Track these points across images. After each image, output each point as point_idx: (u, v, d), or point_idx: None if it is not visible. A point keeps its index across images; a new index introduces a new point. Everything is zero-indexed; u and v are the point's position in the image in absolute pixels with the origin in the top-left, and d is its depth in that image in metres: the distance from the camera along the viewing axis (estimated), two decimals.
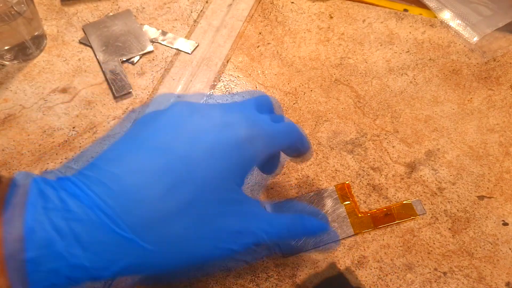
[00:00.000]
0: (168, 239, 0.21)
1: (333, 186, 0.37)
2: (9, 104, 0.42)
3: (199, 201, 0.21)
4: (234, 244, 0.23)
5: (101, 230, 0.20)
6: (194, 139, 0.22)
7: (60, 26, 0.48)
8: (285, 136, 0.27)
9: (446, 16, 0.49)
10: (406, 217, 0.35)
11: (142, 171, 0.21)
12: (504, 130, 0.41)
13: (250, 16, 0.50)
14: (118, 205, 0.20)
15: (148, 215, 0.20)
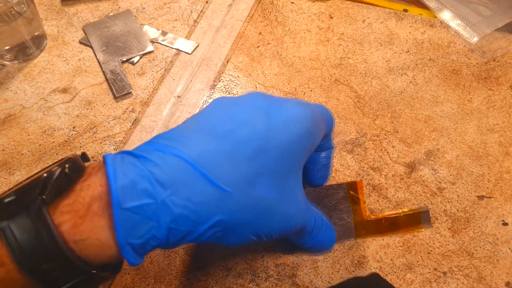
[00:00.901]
0: (255, 199, 0.22)
1: (345, 183, 0.35)
2: (9, 104, 0.42)
3: (279, 165, 0.23)
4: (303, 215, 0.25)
5: (199, 182, 0.20)
6: (271, 114, 0.23)
7: (60, 26, 0.48)
8: (329, 122, 0.30)
9: (446, 16, 0.49)
10: (411, 229, 0.35)
11: (224, 138, 0.22)
12: (504, 130, 0.41)
13: (250, 16, 0.50)
14: (209, 163, 0.21)
15: (238, 175, 0.21)
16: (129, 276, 0.33)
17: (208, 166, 0.21)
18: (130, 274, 0.33)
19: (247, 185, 0.21)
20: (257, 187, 0.22)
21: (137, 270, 0.34)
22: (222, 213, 0.21)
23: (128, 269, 0.34)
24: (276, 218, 0.23)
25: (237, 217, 0.21)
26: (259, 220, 0.22)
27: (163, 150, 0.21)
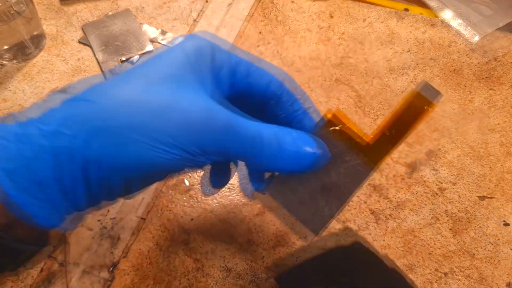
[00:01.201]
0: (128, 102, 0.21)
1: (321, 125, 0.26)
2: (8, 104, 0.42)
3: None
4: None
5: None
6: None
7: (59, 25, 0.48)
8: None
9: (447, 16, 0.49)
10: (423, 114, 0.25)
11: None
12: (505, 130, 0.41)
13: (250, 15, 0.50)
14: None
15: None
16: (129, 277, 0.33)
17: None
18: (130, 275, 0.33)
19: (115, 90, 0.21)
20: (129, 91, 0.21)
21: (136, 271, 0.33)
22: (96, 120, 0.20)
23: (128, 270, 0.33)
24: (171, 117, 0.21)
25: (115, 120, 0.21)
26: (145, 121, 0.21)
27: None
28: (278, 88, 0.26)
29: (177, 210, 0.36)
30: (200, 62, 0.24)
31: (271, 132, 0.23)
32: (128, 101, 0.21)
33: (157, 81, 0.22)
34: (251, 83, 0.25)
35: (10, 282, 0.32)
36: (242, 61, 0.25)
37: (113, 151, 0.21)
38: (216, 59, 0.24)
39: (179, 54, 0.23)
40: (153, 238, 0.35)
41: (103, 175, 0.21)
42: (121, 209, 0.36)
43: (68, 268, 0.33)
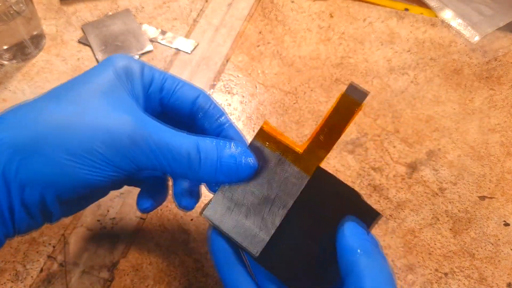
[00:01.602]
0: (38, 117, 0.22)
1: (253, 140, 0.25)
2: (8, 104, 0.42)
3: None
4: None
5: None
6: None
7: (59, 25, 0.48)
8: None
9: (447, 16, 0.49)
10: (350, 115, 0.24)
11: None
12: (506, 130, 0.41)
13: (250, 15, 0.50)
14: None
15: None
16: (128, 277, 0.33)
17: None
18: (130, 275, 0.33)
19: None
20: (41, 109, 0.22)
21: (136, 271, 0.33)
22: (28, 145, 0.20)
23: (127, 270, 0.33)
24: (80, 129, 0.21)
25: (46, 143, 0.20)
26: (75, 143, 0.21)
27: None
28: (206, 101, 0.27)
29: (177, 210, 0.36)
30: (131, 80, 0.24)
31: (208, 144, 0.23)
32: (58, 125, 0.21)
33: (89, 102, 0.22)
34: (179, 97, 0.26)
35: (9, 282, 0.32)
36: (169, 77, 0.26)
37: (46, 174, 0.21)
38: (145, 76, 0.25)
39: (109, 73, 0.23)
40: (153, 238, 0.35)
41: (40, 199, 0.21)
42: (121, 209, 0.36)
43: (68, 268, 0.33)
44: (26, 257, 0.33)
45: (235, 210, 0.25)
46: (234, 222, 0.25)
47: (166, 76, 0.26)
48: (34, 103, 0.22)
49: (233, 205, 0.25)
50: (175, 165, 0.23)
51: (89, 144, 0.21)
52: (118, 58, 0.24)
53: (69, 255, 0.34)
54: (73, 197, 0.22)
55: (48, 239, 0.34)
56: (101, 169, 0.21)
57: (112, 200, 0.36)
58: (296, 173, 0.25)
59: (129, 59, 0.25)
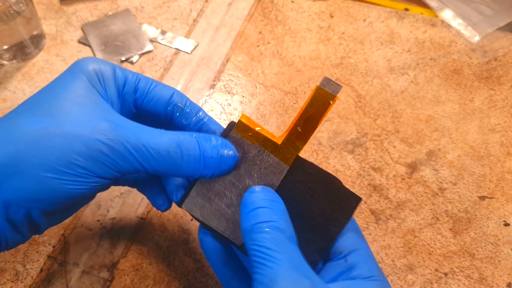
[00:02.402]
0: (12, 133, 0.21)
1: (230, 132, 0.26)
2: (8, 104, 0.42)
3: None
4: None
5: None
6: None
7: (59, 25, 0.48)
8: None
9: (447, 16, 0.49)
10: (326, 106, 0.25)
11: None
12: (506, 130, 0.41)
13: (250, 15, 0.50)
14: None
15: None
16: (128, 277, 0.33)
17: None
18: (130, 275, 0.33)
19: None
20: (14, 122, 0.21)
21: (136, 271, 0.33)
22: (5, 164, 0.20)
23: (127, 270, 0.33)
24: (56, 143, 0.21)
25: (25, 161, 0.20)
26: (55, 158, 0.20)
27: None
28: (181, 99, 0.26)
29: (177, 210, 0.36)
30: (104, 83, 0.24)
31: (189, 139, 0.23)
32: (33, 141, 0.20)
33: (63, 112, 0.21)
34: (154, 97, 0.26)
35: (9, 282, 0.32)
36: (142, 78, 0.26)
37: (29, 191, 0.20)
38: (118, 78, 0.25)
39: (81, 78, 0.23)
40: (152, 238, 0.35)
41: (25, 215, 0.21)
42: (121, 209, 0.36)
43: (68, 268, 0.33)
44: (26, 257, 0.33)
45: (216, 201, 0.25)
46: (216, 213, 0.25)
47: (139, 77, 0.26)
48: (7, 118, 0.22)
49: (214, 196, 0.25)
50: (156, 165, 0.22)
51: (67, 158, 0.20)
52: (87, 62, 0.24)
53: (69, 255, 0.34)
54: (59, 208, 0.22)
55: (48, 239, 0.34)
56: (83, 181, 0.21)
57: (112, 200, 0.36)
58: (276, 163, 0.25)
59: (99, 61, 0.24)
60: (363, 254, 0.24)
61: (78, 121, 0.21)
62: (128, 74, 0.25)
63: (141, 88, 0.25)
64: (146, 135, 0.22)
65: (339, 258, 0.24)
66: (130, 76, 0.25)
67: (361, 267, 0.23)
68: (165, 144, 0.22)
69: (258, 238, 0.21)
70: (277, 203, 0.23)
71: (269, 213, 0.22)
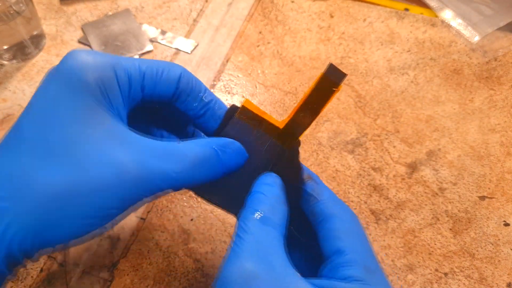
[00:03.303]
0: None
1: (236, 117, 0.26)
2: (8, 104, 0.42)
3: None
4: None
5: None
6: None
7: (59, 25, 0.48)
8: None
9: (447, 16, 0.49)
10: (330, 95, 0.25)
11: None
12: (506, 130, 0.41)
13: (250, 15, 0.50)
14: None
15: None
16: (128, 277, 0.33)
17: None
18: (130, 275, 0.33)
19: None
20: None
21: (136, 271, 0.33)
22: (23, 215, 0.18)
23: (127, 270, 0.33)
24: (84, 195, 0.19)
25: (24, 209, 0.19)
26: (63, 209, 0.19)
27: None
28: (189, 79, 0.25)
29: (177, 210, 0.36)
30: (109, 96, 0.21)
31: (211, 154, 0.23)
32: (62, 198, 0.19)
33: (76, 151, 0.19)
34: (161, 88, 0.24)
35: (10, 282, 0.32)
36: (146, 71, 0.23)
37: (55, 242, 0.19)
38: (122, 84, 0.22)
39: (83, 100, 0.20)
40: (153, 238, 0.35)
41: (41, 251, 0.20)
42: None
43: (68, 268, 0.33)
44: None
45: (220, 181, 0.25)
46: (219, 192, 0.26)
47: (143, 69, 0.23)
48: (19, 169, 0.19)
49: (211, 188, 0.26)
50: (178, 184, 0.22)
51: (98, 206, 0.19)
52: (83, 68, 0.20)
53: (69, 255, 0.34)
54: (78, 241, 0.21)
55: None
56: (110, 217, 0.20)
57: None
58: (275, 147, 0.26)
59: (96, 63, 0.21)
60: (348, 254, 0.22)
61: (100, 162, 0.19)
62: (131, 72, 0.22)
63: (148, 85, 0.23)
64: (170, 159, 0.21)
65: (326, 260, 0.23)
66: (134, 74, 0.22)
67: (343, 268, 0.22)
68: (190, 165, 0.22)
69: (242, 217, 0.22)
70: (270, 187, 0.24)
71: (258, 198, 0.23)
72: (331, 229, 0.23)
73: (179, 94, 0.24)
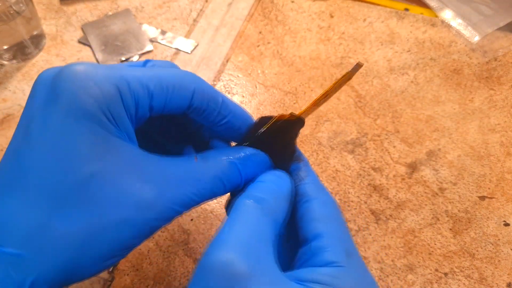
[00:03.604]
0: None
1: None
2: (8, 104, 0.42)
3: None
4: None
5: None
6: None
7: (59, 25, 0.48)
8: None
9: (447, 16, 0.49)
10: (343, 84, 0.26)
11: None
12: (506, 130, 0.41)
13: (250, 15, 0.50)
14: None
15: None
16: (128, 277, 0.33)
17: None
18: (130, 275, 0.33)
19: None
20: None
21: (136, 271, 0.33)
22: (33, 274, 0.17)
23: (127, 270, 0.33)
24: (106, 238, 0.18)
25: (49, 271, 0.17)
26: (86, 255, 0.18)
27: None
28: (204, 95, 0.22)
29: None
30: (115, 121, 0.19)
31: (232, 171, 0.22)
32: (83, 245, 0.18)
33: (96, 194, 0.18)
34: (171, 100, 0.21)
35: None
36: (155, 90, 0.20)
37: (72, 279, 0.18)
38: (128, 106, 0.19)
39: (89, 129, 0.18)
40: (153, 238, 0.35)
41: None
42: None
43: None
44: None
45: None
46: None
47: (151, 89, 0.20)
48: (33, 218, 0.17)
49: None
50: (198, 203, 0.22)
51: (121, 245, 0.19)
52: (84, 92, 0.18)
53: None
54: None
55: None
56: (131, 248, 0.20)
57: None
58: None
59: (98, 83, 0.18)
60: (328, 239, 0.21)
61: (120, 201, 0.18)
62: (139, 93, 0.20)
63: (156, 106, 0.21)
64: (189, 183, 0.21)
65: (304, 245, 0.22)
66: (142, 96, 0.20)
67: (324, 253, 0.21)
68: (209, 185, 0.21)
69: (234, 204, 0.21)
70: (279, 179, 0.23)
71: (264, 187, 0.22)
72: (312, 211, 0.22)
73: (193, 110, 0.22)
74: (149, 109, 0.21)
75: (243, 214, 0.20)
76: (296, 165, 0.25)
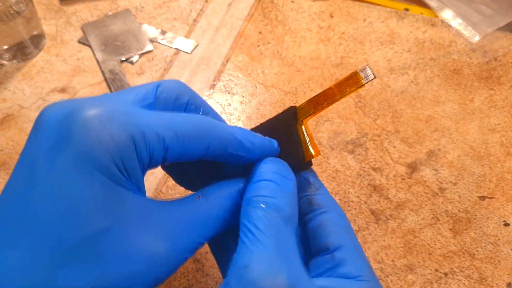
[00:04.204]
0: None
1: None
2: (8, 104, 0.42)
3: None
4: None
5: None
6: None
7: (59, 25, 0.48)
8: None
9: (447, 16, 0.49)
10: (351, 86, 0.24)
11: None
12: (506, 130, 0.41)
13: (250, 15, 0.50)
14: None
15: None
16: None
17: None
18: None
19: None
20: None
21: None
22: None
23: None
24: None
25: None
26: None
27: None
28: (221, 147, 0.21)
29: None
30: (128, 174, 0.18)
31: (232, 206, 0.22)
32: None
33: (106, 249, 0.17)
34: (186, 153, 0.20)
35: None
36: (170, 143, 0.19)
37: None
38: (143, 151, 0.19)
39: (99, 183, 0.17)
40: None
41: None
42: None
43: None
44: None
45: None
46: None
47: (167, 143, 0.19)
48: (38, 273, 0.16)
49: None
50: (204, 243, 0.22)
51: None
52: (99, 146, 0.17)
53: None
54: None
55: None
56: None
57: None
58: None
59: (115, 142, 0.17)
60: (351, 251, 0.22)
61: (129, 256, 0.18)
62: (154, 144, 0.19)
63: (170, 157, 0.20)
64: (197, 228, 0.20)
65: (325, 254, 0.22)
66: (157, 149, 0.19)
67: (348, 265, 0.21)
68: (214, 228, 0.21)
69: (250, 213, 0.19)
70: (286, 180, 0.22)
71: (272, 188, 0.21)
72: (333, 222, 0.22)
73: (208, 157, 0.22)
74: (163, 160, 0.20)
75: (269, 226, 0.19)
76: (306, 174, 0.25)
